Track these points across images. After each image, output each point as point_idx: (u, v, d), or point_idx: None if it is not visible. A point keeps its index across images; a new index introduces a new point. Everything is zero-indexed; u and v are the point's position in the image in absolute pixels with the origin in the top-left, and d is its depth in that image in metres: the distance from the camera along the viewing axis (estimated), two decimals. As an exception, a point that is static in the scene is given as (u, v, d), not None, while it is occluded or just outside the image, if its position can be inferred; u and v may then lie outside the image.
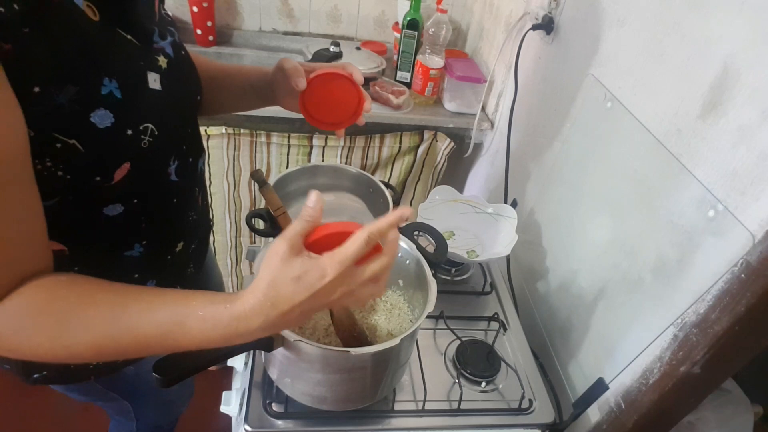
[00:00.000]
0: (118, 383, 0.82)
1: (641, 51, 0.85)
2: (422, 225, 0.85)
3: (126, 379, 0.81)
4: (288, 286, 0.45)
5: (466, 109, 1.47)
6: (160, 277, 0.71)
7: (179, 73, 0.64)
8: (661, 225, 0.76)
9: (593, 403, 0.87)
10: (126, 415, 0.96)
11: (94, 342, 0.47)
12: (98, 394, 0.82)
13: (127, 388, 0.85)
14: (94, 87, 0.49)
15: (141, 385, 0.85)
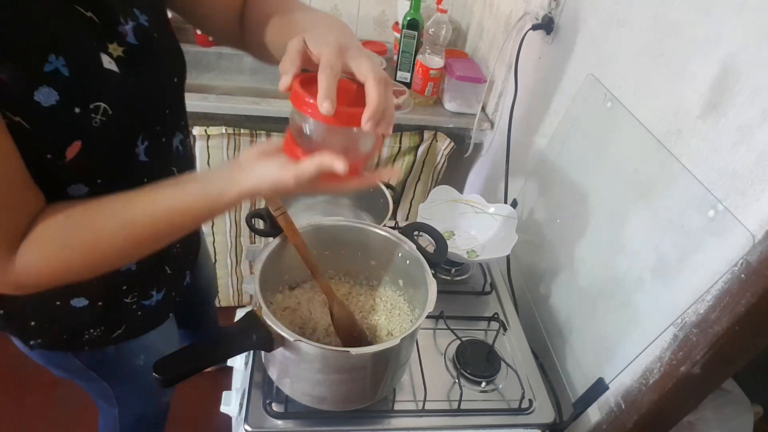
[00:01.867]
0: (98, 363, 0.82)
1: (641, 51, 0.85)
2: (422, 225, 0.85)
3: (107, 359, 0.81)
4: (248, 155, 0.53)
5: (466, 109, 1.47)
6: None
7: (147, 55, 0.61)
8: (661, 225, 0.76)
9: (593, 403, 0.87)
10: (108, 400, 0.95)
11: (113, 237, 0.52)
12: (79, 371, 0.82)
13: (107, 369, 0.85)
14: (36, 64, 0.48)
15: (121, 367, 0.85)
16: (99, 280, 0.64)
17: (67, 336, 0.74)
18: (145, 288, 0.78)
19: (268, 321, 0.64)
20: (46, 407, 1.53)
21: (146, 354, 0.85)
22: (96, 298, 0.72)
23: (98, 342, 0.77)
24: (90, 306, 0.71)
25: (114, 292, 0.74)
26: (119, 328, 0.77)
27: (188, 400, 1.39)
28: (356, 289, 0.88)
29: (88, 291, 0.71)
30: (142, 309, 0.79)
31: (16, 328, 0.73)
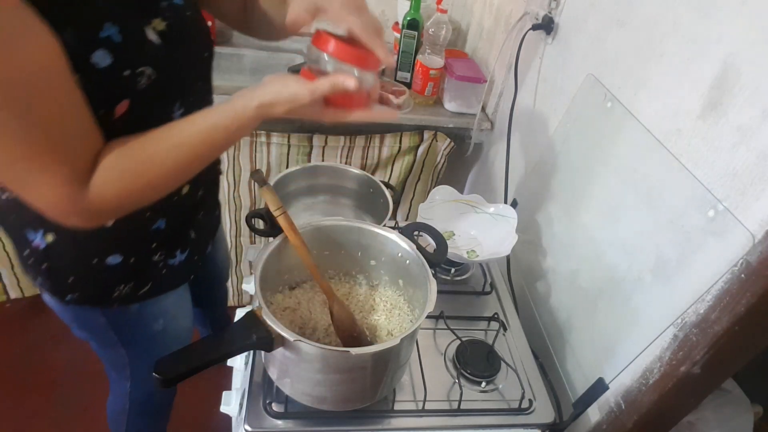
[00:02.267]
0: (122, 323, 0.87)
1: (641, 51, 0.85)
2: (422, 225, 0.85)
3: (130, 319, 0.86)
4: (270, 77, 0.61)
5: (466, 109, 1.47)
6: (170, 217, 0.80)
7: (182, 31, 0.69)
8: (661, 225, 0.76)
9: (593, 403, 0.87)
10: (121, 371, 0.99)
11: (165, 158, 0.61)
12: (102, 331, 0.87)
13: (128, 330, 0.89)
14: (94, 30, 0.56)
15: (141, 329, 0.90)
16: (133, 238, 0.77)
17: (100, 292, 0.80)
18: (172, 248, 0.84)
19: (268, 321, 0.64)
20: (46, 407, 1.54)
21: (164, 319, 0.91)
22: (129, 254, 0.78)
23: (126, 298, 0.82)
24: (123, 262, 0.78)
25: (145, 249, 0.80)
26: (146, 284, 0.83)
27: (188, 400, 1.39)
28: (356, 289, 0.88)
29: (123, 248, 0.77)
30: (167, 267, 0.85)
31: (54, 283, 0.78)
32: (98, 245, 0.75)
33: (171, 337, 0.95)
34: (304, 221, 0.80)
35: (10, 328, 1.74)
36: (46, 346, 1.70)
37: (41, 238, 0.72)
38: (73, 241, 0.73)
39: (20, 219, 0.72)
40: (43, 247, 0.73)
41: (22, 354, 1.67)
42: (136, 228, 0.77)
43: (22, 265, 0.79)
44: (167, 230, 0.81)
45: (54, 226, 0.66)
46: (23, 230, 0.73)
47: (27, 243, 0.74)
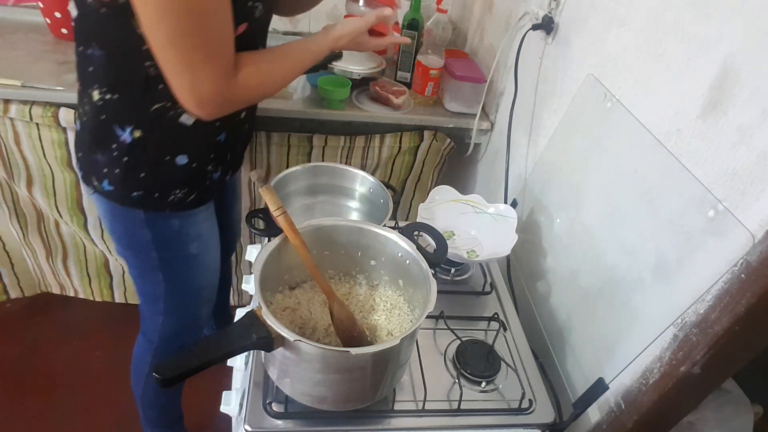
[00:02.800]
0: (164, 237, 0.97)
1: (641, 51, 0.85)
2: (422, 225, 0.85)
3: (171, 235, 0.98)
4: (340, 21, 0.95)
5: (466, 109, 1.47)
6: (229, 133, 0.94)
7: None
8: (661, 225, 0.76)
9: (593, 403, 0.87)
10: (155, 305, 1.08)
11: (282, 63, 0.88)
12: (146, 248, 0.97)
13: (167, 249, 0.99)
14: None
15: (179, 250, 1.01)
16: (201, 143, 0.91)
17: (161, 191, 0.91)
18: (218, 162, 0.97)
19: (268, 321, 0.64)
20: (46, 407, 1.54)
21: (199, 242, 1.02)
22: (194, 158, 0.91)
23: (177, 204, 0.94)
24: (187, 165, 0.90)
25: (206, 157, 0.93)
26: (193, 193, 0.95)
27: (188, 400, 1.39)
28: (356, 289, 0.88)
29: (192, 151, 0.90)
30: (210, 180, 0.97)
31: (126, 179, 0.88)
32: (175, 144, 0.88)
33: (203, 265, 1.07)
34: (304, 221, 0.80)
35: (10, 328, 1.74)
36: (46, 346, 1.70)
37: (129, 134, 0.84)
38: (157, 137, 0.86)
39: (111, 117, 0.84)
40: (129, 142, 0.85)
41: (22, 354, 1.67)
42: (206, 134, 0.90)
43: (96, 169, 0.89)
44: (224, 144, 0.95)
45: (141, 123, 0.84)
46: (112, 127, 0.84)
47: (114, 138, 0.85)
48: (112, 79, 0.81)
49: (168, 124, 0.85)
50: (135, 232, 0.96)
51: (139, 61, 0.77)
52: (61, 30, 1.47)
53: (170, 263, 1.01)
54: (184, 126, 0.86)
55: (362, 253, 0.86)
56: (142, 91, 0.81)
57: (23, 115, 1.22)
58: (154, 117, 0.83)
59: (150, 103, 0.82)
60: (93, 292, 1.72)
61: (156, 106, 0.82)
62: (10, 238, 1.56)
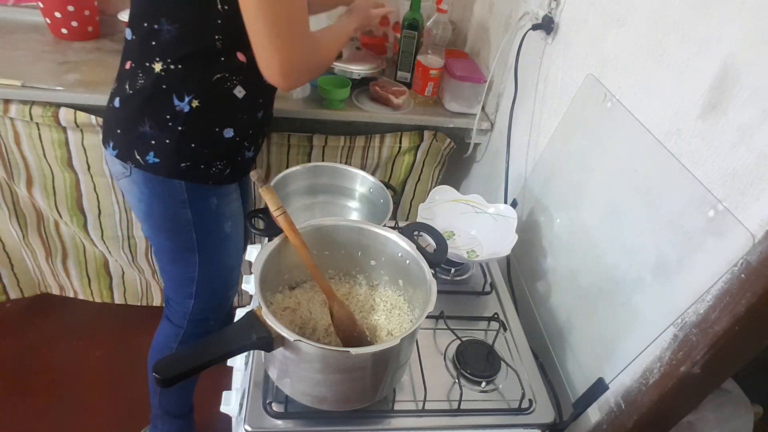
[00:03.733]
0: (202, 216, 1.01)
1: (641, 51, 0.85)
2: (422, 225, 0.85)
3: (209, 214, 1.02)
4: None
5: (466, 109, 1.47)
6: (265, 111, 1.03)
7: None
8: (661, 225, 0.76)
9: (593, 403, 0.87)
10: (187, 287, 1.10)
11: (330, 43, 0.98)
12: (183, 227, 1.01)
13: (205, 227, 1.03)
14: None
15: (214, 228, 1.05)
16: (246, 118, 0.97)
17: (206, 163, 0.96)
18: (252, 140, 1.03)
19: (268, 321, 0.64)
20: (46, 407, 1.53)
21: (232, 222, 1.07)
22: (238, 132, 0.97)
23: (217, 177, 0.99)
24: (232, 138, 0.97)
25: (247, 131, 1.00)
26: (229, 167, 1.00)
27: (188, 400, 1.39)
28: (356, 289, 0.88)
29: (238, 123, 0.96)
30: (243, 157, 1.03)
31: (177, 149, 0.93)
32: (226, 115, 0.94)
33: (234, 244, 1.11)
34: (304, 221, 0.80)
35: (10, 328, 1.74)
36: (46, 346, 1.70)
37: (188, 103, 0.89)
38: (212, 107, 0.92)
39: (171, 86, 0.88)
40: (187, 111, 0.90)
41: (22, 354, 1.67)
42: (251, 109, 0.98)
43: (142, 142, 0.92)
44: (260, 122, 1.02)
45: (201, 93, 0.89)
46: (171, 97, 0.89)
47: (171, 107, 0.89)
48: (181, 52, 0.86)
49: (224, 95, 0.91)
50: (176, 211, 0.99)
51: (210, 34, 0.85)
52: (61, 30, 1.46)
53: (206, 243, 1.05)
54: (236, 98, 0.93)
55: (362, 253, 0.86)
56: (207, 63, 0.88)
57: (23, 115, 1.22)
58: (213, 87, 0.89)
59: (212, 73, 0.89)
60: (93, 293, 1.72)
61: (216, 77, 0.89)
62: (9, 239, 1.55)
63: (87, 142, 1.30)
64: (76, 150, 1.32)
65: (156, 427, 1.36)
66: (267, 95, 1.02)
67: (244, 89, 0.93)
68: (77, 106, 1.23)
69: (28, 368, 1.63)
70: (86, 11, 1.48)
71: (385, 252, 0.84)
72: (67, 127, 1.26)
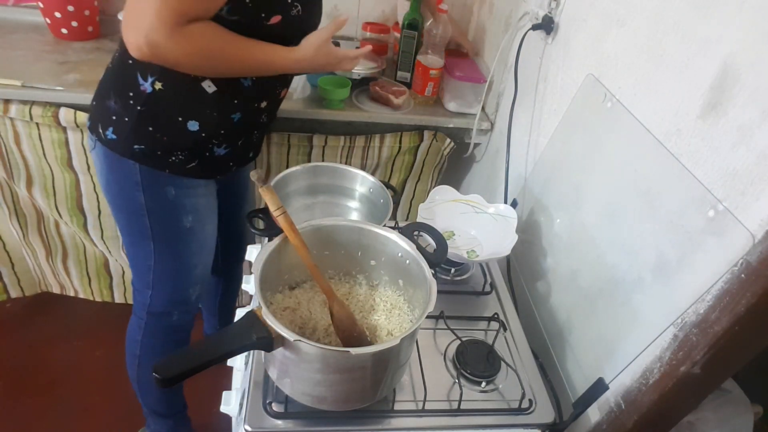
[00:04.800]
0: (158, 206, 0.99)
1: (641, 51, 0.85)
2: (422, 225, 0.85)
3: (166, 203, 0.98)
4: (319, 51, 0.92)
5: (466, 109, 1.47)
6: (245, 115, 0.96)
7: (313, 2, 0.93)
8: (661, 225, 0.76)
9: (593, 403, 0.87)
10: (145, 278, 1.08)
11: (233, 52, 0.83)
12: (137, 213, 0.98)
13: (160, 217, 1.00)
14: None
15: (171, 220, 1.01)
16: (216, 115, 0.92)
17: (164, 151, 0.93)
18: (227, 140, 0.98)
19: (268, 321, 0.64)
20: (46, 407, 1.54)
21: (194, 217, 1.03)
22: (204, 128, 0.93)
23: (177, 167, 0.95)
24: (197, 132, 0.92)
25: (217, 130, 0.95)
26: (194, 160, 0.96)
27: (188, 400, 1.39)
28: (356, 289, 0.88)
29: (205, 119, 0.92)
30: (212, 154, 0.98)
31: (134, 130, 0.90)
32: (191, 108, 0.90)
33: (196, 241, 1.06)
34: (304, 221, 0.80)
35: (10, 328, 1.74)
36: (46, 346, 1.70)
37: (150, 84, 0.87)
38: (176, 95, 0.88)
39: (136, 63, 0.86)
40: (149, 92, 0.87)
41: (22, 354, 1.67)
42: (222, 108, 0.92)
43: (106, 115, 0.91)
44: (237, 125, 0.96)
45: (165, 76, 0.86)
46: (135, 73, 0.87)
47: (134, 86, 0.87)
48: None
49: (190, 85, 0.88)
50: (129, 193, 0.96)
51: None
52: (61, 30, 1.47)
53: (162, 233, 1.02)
54: (204, 92, 0.89)
55: (362, 253, 0.86)
56: None
57: (23, 115, 1.22)
58: (178, 73, 0.85)
59: None
60: (93, 293, 1.72)
61: None
62: (10, 238, 1.56)
63: (87, 142, 1.30)
64: (76, 150, 1.32)
65: (149, 425, 1.37)
66: (245, 99, 0.94)
67: (215, 85, 0.89)
68: (77, 106, 1.23)
69: (28, 368, 1.63)
70: (86, 11, 1.48)
71: (385, 252, 0.84)
72: (67, 127, 1.27)
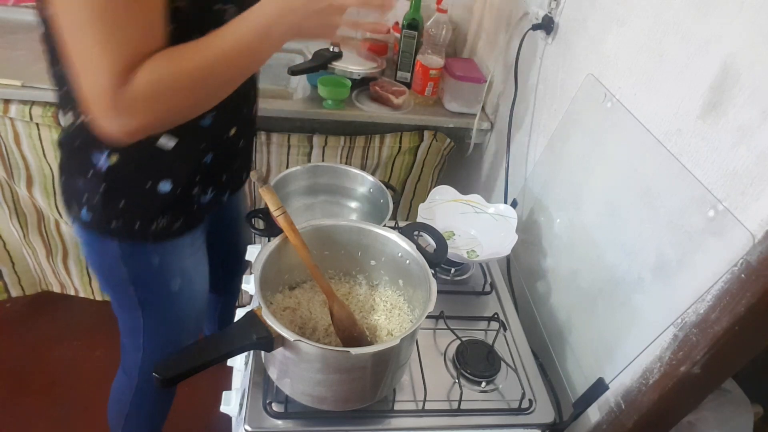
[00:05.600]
0: (142, 274, 0.91)
1: (641, 51, 0.85)
2: (422, 225, 0.85)
3: (151, 271, 0.91)
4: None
5: (466, 109, 1.47)
6: (217, 153, 0.86)
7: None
8: (661, 225, 0.76)
9: (593, 403, 0.87)
10: (135, 339, 1.01)
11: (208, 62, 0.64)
12: (123, 285, 0.92)
13: (147, 284, 0.93)
14: None
15: (158, 287, 0.94)
16: (186, 167, 0.83)
17: (143, 220, 0.84)
18: (208, 184, 0.89)
19: (268, 321, 0.64)
20: (46, 407, 1.54)
21: (182, 279, 0.95)
22: (178, 183, 0.83)
23: (160, 234, 0.86)
24: (171, 191, 0.83)
25: (191, 181, 0.85)
26: (178, 219, 0.87)
27: (188, 400, 1.39)
28: (356, 289, 0.88)
29: (175, 175, 0.82)
30: (198, 204, 0.89)
31: (105, 208, 0.82)
32: (156, 169, 0.81)
33: (186, 300, 0.99)
34: (304, 221, 0.80)
35: (10, 327, 1.74)
36: (46, 345, 1.70)
37: (106, 158, 0.77)
38: (135, 162, 0.79)
39: (87, 142, 0.76)
40: (107, 168, 0.78)
41: (22, 354, 1.67)
42: (191, 157, 0.83)
43: (76, 195, 0.83)
44: (212, 165, 0.86)
45: (117, 148, 0.75)
46: (88, 152, 0.77)
47: (91, 165, 0.78)
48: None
49: (146, 148, 0.77)
50: (112, 267, 0.90)
51: None
52: (61, 30, 1.46)
53: (149, 300, 0.96)
54: (162, 150, 0.78)
55: (362, 253, 0.86)
56: None
57: (23, 115, 1.22)
58: None
59: None
60: (93, 291, 1.72)
61: None
62: (10, 237, 1.56)
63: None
64: (76, 150, 1.32)
65: None
66: (211, 138, 0.84)
67: (175, 136, 0.78)
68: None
69: (28, 368, 1.63)
70: None
71: (385, 252, 0.84)
72: (67, 127, 1.27)
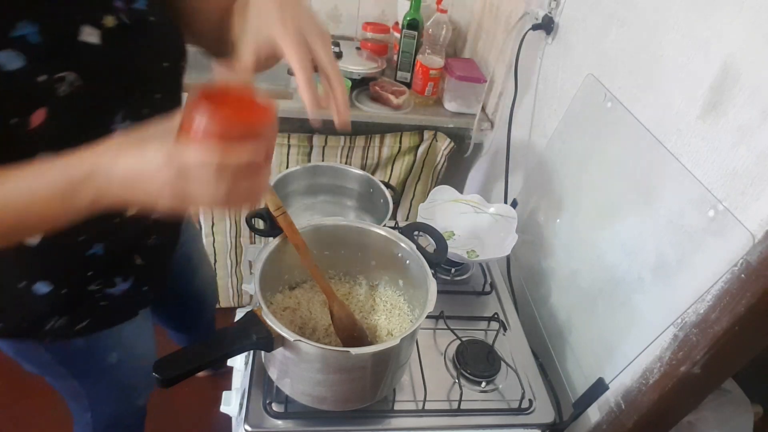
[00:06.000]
0: (68, 357, 0.80)
1: (641, 51, 0.85)
2: (422, 225, 0.85)
3: (77, 354, 0.79)
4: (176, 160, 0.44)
5: (466, 109, 1.47)
6: (110, 241, 0.70)
7: (136, 36, 0.61)
8: (661, 225, 0.76)
9: (593, 403, 0.87)
10: (79, 402, 0.92)
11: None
12: (49, 366, 0.80)
13: (77, 365, 0.83)
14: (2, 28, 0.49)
15: (93, 364, 0.83)
16: (64, 265, 0.68)
17: (30, 323, 0.72)
18: (110, 275, 0.75)
19: (268, 321, 0.64)
20: (46, 407, 1.53)
21: (118, 351, 0.84)
22: (60, 284, 0.70)
23: (62, 333, 0.74)
24: (54, 292, 0.70)
25: (79, 277, 0.72)
26: (83, 320, 0.75)
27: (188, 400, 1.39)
28: (356, 289, 0.88)
29: (53, 276, 0.69)
30: (107, 298, 0.76)
31: None
32: (23, 269, 0.67)
33: (129, 368, 0.88)
34: (304, 221, 0.80)
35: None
36: (46, 346, 1.70)
37: None
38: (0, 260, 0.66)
39: None
40: None
41: (22, 354, 1.67)
42: (67, 254, 0.68)
43: None
44: (106, 256, 0.72)
45: None
46: None
47: None
48: None
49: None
50: (27, 351, 0.79)
51: None
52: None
53: (84, 374, 0.85)
54: (27, 247, 0.64)
55: (362, 253, 0.86)
56: None
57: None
58: None
59: None
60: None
61: None
62: (10, 238, 1.55)
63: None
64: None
65: None
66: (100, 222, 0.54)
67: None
68: None
69: (28, 368, 1.63)
70: None
71: (385, 252, 0.84)
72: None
